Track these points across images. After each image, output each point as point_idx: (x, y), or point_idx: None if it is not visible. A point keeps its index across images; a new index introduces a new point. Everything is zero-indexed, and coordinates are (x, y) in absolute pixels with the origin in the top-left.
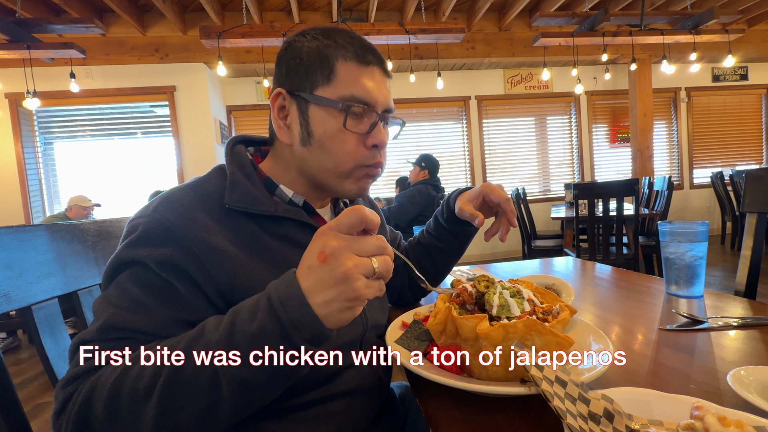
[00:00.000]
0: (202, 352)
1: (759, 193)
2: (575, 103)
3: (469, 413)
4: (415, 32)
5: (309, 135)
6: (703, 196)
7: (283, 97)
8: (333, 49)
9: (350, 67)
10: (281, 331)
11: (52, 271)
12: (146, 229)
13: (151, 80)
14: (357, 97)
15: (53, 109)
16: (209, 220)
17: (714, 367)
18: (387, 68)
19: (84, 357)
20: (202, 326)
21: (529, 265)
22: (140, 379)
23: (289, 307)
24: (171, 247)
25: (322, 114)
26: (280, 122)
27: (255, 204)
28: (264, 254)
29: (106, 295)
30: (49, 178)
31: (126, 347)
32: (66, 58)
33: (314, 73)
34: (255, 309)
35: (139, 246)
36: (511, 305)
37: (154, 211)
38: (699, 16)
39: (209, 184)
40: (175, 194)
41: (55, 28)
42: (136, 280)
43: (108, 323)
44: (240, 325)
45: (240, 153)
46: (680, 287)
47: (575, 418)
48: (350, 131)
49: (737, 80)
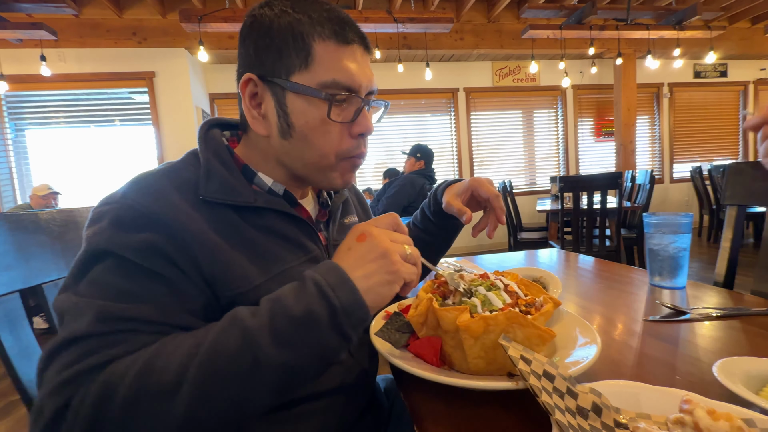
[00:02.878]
0: (238, 338)
1: (739, 186)
2: (562, 97)
3: (454, 407)
4: (404, 21)
5: (289, 126)
6: (683, 190)
7: (254, 84)
8: (308, 26)
9: (329, 48)
10: (331, 316)
11: (12, 263)
12: (117, 215)
13: (129, 65)
14: (340, 82)
15: (23, 93)
16: (187, 207)
17: (698, 357)
18: (368, 44)
19: (82, 354)
20: (232, 315)
21: (515, 257)
22: (166, 371)
23: (340, 292)
24: (148, 232)
25: (302, 103)
26: (253, 112)
27: (233, 195)
28: (246, 245)
29: (78, 291)
30: (21, 167)
31: (134, 339)
32: (36, 40)
33: (289, 56)
34: (300, 292)
35: (111, 234)
36: (491, 298)
37: (123, 196)
38: (683, 12)
39: (184, 171)
40: (147, 179)
41: (23, 7)
42: (116, 272)
43: (101, 315)
44: (283, 310)
45: (215, 138)
46: (664, 278)
47: (563, 413)
48: (335, 121)
49: (717, 77)
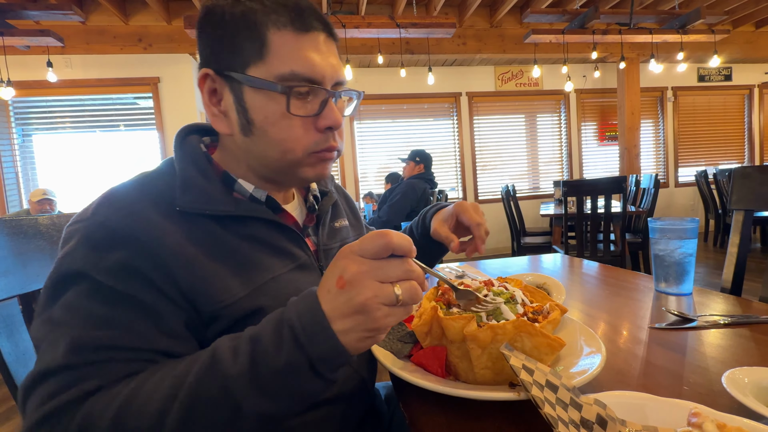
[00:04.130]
0: (219, 385)
1: (746, 190)
2: (565, 101)
3: (454, 419)
4: (406, 26)
5: (249, 123)
6: (688, 194)
7: (212, 79)
8: (262, 15)
9: (286, 37)
10: (310, 366)
11: (10, 268)
12: (88, 234)
13: (134, 71)
14: (299, 74)
15: (30, 99)
16: (162, 221)
17: (706, 367)
18: (332, 30)
19: (55, 390)
20: (212, 354)
21: (518, 262)
22: (144, 415)
23: (317, 341)
24: (122, 251)
25: (260, 98)
26: (213, 109)
27: (211, 204)
28: (228, 256)
29: (52, 317)
30: (27, 172)
31: (109, 370)
32: (43, 47)
33: (243, 47)
34: (278, 340)
35: (83, 255)
36: (504, 312)
37: (93, 214)
38: (686, 16)
39: (159, 182)
40: (117, 193)
41: (31, 14)
42: (89, 297)
43: (75, 345)
44: (263, 358)
45: (192, 145)
46: (669, 284)
47: (567, 425)
48: (296, 115)
49: (722, 81)
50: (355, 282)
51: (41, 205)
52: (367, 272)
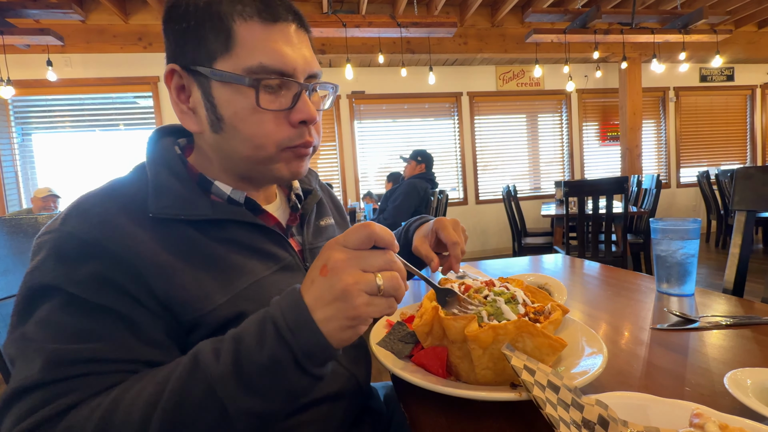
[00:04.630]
0: (203, 386)
1: (748, 191)
2: (566, 101)
3: (455, 419)
4: (407, 25)
5: (218, 119)
6: (689, 195)
7: (178, 75)
8: (227, 6)
9: (253, 28)
10: (295, 362)
11: (10, 267)
12: (57, 245)
13: (134, 70)
14: (267, 66)
15: (30, 98)
16: (134, 228)
17: (708, 368)
18: (303, 21)
19: (32, 407)
20: (193, 358)
21: (519, 263)
22: (126, 424)
23: (300, 335)
24: (94, 262)
25: (228, 92)
26: (182, 106)
27: (187, 209)
28: (207, 261)
29: (25, 334)
30: (26, 171)
31: (88, 383)
32: (43, 45)
33: (208, 40)
34: (261, 336)
35: (53, 267)
36: (505, 312)
37: (62, 224)
38: (688, 16)
39: (130, 188)
40: (87, 202)
41: (31, 13)
42: (64, 311)
43: (52, 360)
44: (247, 355)
45: (165, 147)
46: (671, 285)
47: (568, 426)
48: (267, 109)
49: (724, 81)
50: (338, 269)
51: (46, 201)
52: (349, 260)
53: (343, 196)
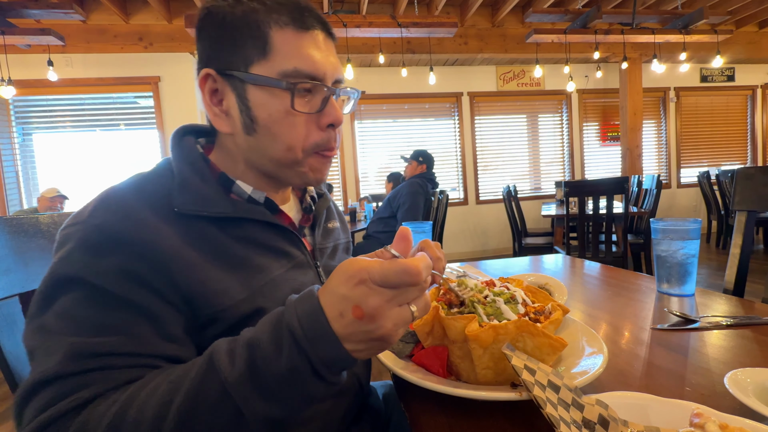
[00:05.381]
0: (217, 390)
1: (749, 191)
2: (567, 101)
3: (455, 419)
4: (408, 25)
5: (252, 121)
6: (690, 195)
7: (213, 79)
8: (263, 14)
9: (288, 35)
10: (313, 370)
11: (11, 267)
12: (84, 237)
13: (135, 70)
14: (302, 71)
15: (31, 98)
16: (159, 223)
17: (708, 368)
18: (331, 30)
19: (50, 400)
20: (209, 359)
21: (520, 263)
22: (140, 423)
23: (319, 347)
24: (119, 255)
25: (263, 95)
26: (215, 109)
27: (208, 206)
28: (227, 258)
29: (46, 325)
30: (27, 171)
31: (106, 377)
32: (44, 45)
33: (245, 46)
34: (278, 343)
35: (79, 259)
36: (504, 312)
37: (90, 216)
38: (689, 16)
39: (156, 183)
40: (115, 195)
41: (32, 13)
42: (86, 303)
43: (71, 353)
44: (264, 363)
45: (189, 146)
46: (672, 285)
47: (569, 426)
48: (300, 112)
49: (724, 81)
50: (377, 316)
51: (53, 202)
52: (387, 304)
53: (344, 196)
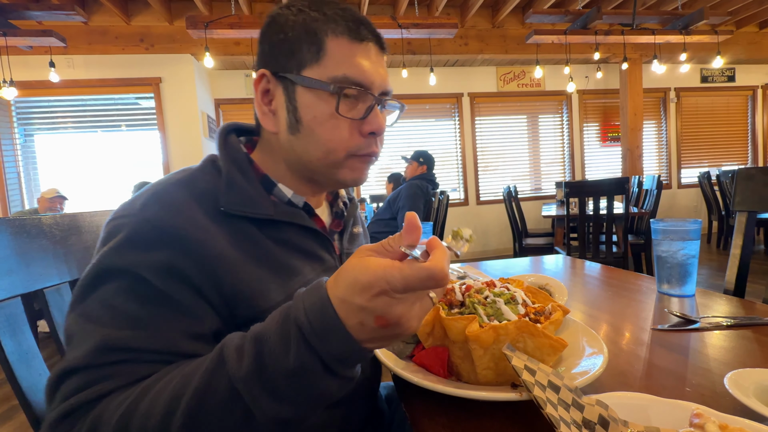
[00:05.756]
0: (226, 386)
1: (749, 191)
2: (567, 102)
3: (456, 419)
4: (408, 26)
5: (297, 121)
6: (691, 196)
7: (267, 80)
8: (322, 23)
9: (342, 44)
10: (324, 366)
11: (14, 267)
12: (134, 230)
13: (136, 71)
14: (350, 78)
15: (33, 99)
16: (206, 221)
17: (709, 368)
18: (384, 44)
19: (75, 388)
20: (219, 354)
21: (520, 263)
22: (150, 416)
23: (329, 341)
24: (167, 250)
25: (311, 97)
26: (264, 108)
27: (253, 207)
28: (265, 260)
29: (86, 312)
30: (29, 172)
31: (129, 371)
32: (45, 47)
33: (301, 51)
34: (285, 339)
35: (127, 251)
36: (505, 313)
37: (141, 209)
38: (689, 17)
39: (203, 181)
40: (165, 190)
41: (34, 14)
42: (127, 294)
43: (103, 345)
44: (272, 360)
45: (234, 146)
46: (672, 286)
47: (569, 426)
48: (344, 117)
49: (725, 81)
50: (403, 321)
51: (53, 203)
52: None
53: None
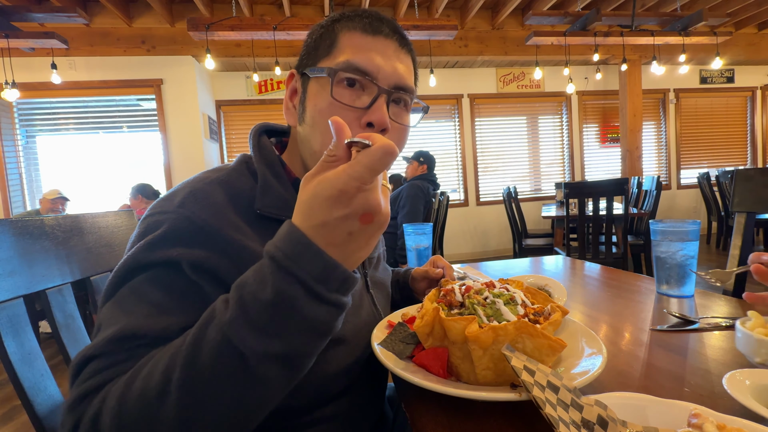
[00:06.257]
0: (217, 332)
1: (748, 192)
2: (566, 103)
3: (456, 419)
4: (408, 28)
5: (304, 111)
6: (690, 197)
7: (294, 78)
8: (340, 23)
9: (354, 37)
10: (306, 289)
11: (16, 268)
12: (174, 227)
13: (138, 73)
14: (353, 64)
15: (35, 101)
16: (241, 222)
17: (707, 369)
18: (406, 42)
19: (93, 372)
20: (212, 307)
21: (520, 264)
22: (151, 377)
23: (302, 261)
24: (206, 248)
25: (315, 86)
26: (288, 104)
27: (286, 210)
28: None
29: (116, 301)
30: (30, 173)
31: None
32: (47, 49)
33: (319, 48)
34: (261, 274)
35: (166, 246)
36: (504, 313)
37: (180, 206)
38: (688, 18)
39: (238, 182)
40: (203, 189)
41: (36, 16)
42: (158, 283)
43: (122, 332)
44: (252, 297)
45: (267, 148)
46: (671, 287)
47: (568, 426)
48: (339, 102)
49: (724, 83)
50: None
51: (54, 204)
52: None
53: None
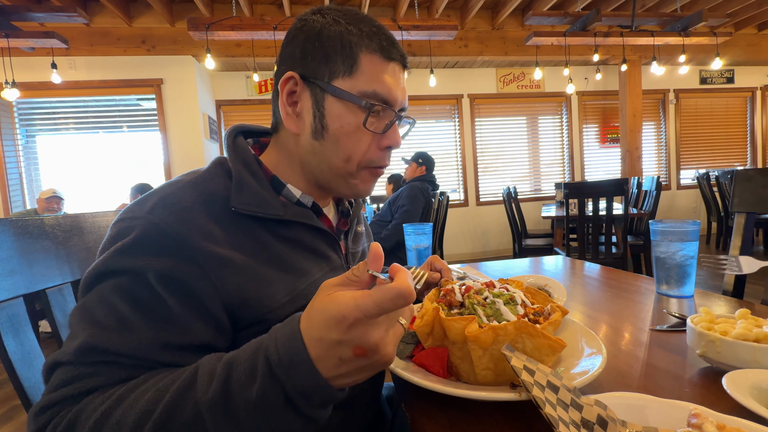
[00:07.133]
0: (192, 409)
1: (748, 193)
2: (566, 103)
3: (455, 419)
4: (408, 28)
5: (323, 128)
6: (690, 197)
7: (294, 82)
8: (357, 38)
9: (374, 61)
10: (286, 399)
11: (16, 268)
12: (142, 234)
13: (138, 72)
14: (379, 94)
15: (35, 100)
16: (213, 226)
17: (707, 369)
18: (407, 64)
19: (60, 382)
20: (194, 374)
21: (520, 264)
22: (121, 426)
23: (295, 373)
24: (172, 257)
25: (340, 108)
26: (288, 109)
27: (264, 207)
28: (274, 261)
29: (85, 306)
30: (30, 173)
31: (110, 372)
32: (47, 48)
33: (335, 62)
34: (253, 367)
35: (134, 254)
36: (504, 313)
37: (150, 212)
38: (688, 19)
39: (212, 183)
40: (174, 194)
41: (36, 16)
42: (124, 294)
43: (87, 344)
44: (238, 388)
45: (243, 147)
46: (671, 287)
47: (567, 426)
48: (368, 130)
49: (724, 83)
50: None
51: (49, 203)
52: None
53: None
